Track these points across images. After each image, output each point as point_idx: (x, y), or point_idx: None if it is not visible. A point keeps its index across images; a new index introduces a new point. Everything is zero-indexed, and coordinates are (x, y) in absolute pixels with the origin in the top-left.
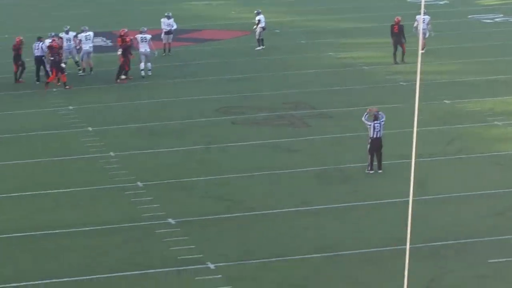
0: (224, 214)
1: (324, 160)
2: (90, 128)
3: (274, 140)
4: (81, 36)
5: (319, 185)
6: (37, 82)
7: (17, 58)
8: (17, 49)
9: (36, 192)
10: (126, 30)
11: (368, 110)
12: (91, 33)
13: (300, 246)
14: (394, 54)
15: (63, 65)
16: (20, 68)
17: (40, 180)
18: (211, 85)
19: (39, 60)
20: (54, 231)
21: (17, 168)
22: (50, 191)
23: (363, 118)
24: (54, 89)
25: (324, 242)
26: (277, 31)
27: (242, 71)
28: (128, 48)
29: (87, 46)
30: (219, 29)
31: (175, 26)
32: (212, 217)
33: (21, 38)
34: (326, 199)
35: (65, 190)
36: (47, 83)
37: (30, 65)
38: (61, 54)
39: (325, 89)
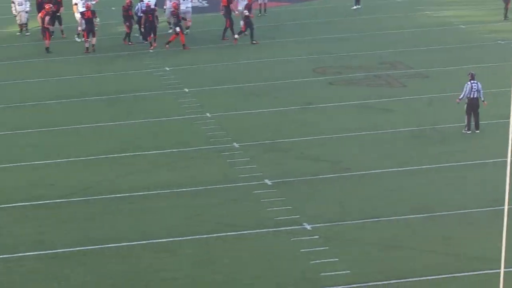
0: (321, 175)
1: (421, 120)
2: (186, 89)
3: (371, 100)
4: None
5: (415, 145)
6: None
7: (127, 18)
8: (127, 10)
9: (133, 154)
10: None
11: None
12: None
13: (396, 207)
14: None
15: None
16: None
17: (137, 142)
18: (308, 45)
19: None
20: (150, 192)
21: (115, 129)
22: (147, 152)
23: None
24: (151, 50)
25: (420, 203)
26: None
27: (339, 31)
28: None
29: (184, 6)
30: None
31: None
32: (309, 178)
33: None
34: (422, 159)
35: (162, 151)
36: (168, 42)
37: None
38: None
39: (421, 49)
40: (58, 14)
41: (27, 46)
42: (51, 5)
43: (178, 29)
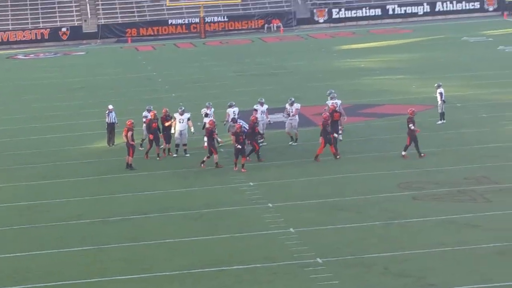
0: None
1: (507, 236)
2: (270, 204)
3: (454, 216)
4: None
5: (501, 262)
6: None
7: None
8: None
9: (218, 269)
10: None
11: None
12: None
13: None
14: None
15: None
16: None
17: (220, 257)
18: (392, 160)
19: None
20: None
21: (199, 244)
22: (231, 267)
23: None
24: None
25: None
26: (458, 104)
27: (424, 146)
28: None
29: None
30: (400, 103)
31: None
32: None
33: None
34: (508, 276)
35: (246, 266)
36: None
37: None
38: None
39: (508, 164)
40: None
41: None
42: (133, 121)
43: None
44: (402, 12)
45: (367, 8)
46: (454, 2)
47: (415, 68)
